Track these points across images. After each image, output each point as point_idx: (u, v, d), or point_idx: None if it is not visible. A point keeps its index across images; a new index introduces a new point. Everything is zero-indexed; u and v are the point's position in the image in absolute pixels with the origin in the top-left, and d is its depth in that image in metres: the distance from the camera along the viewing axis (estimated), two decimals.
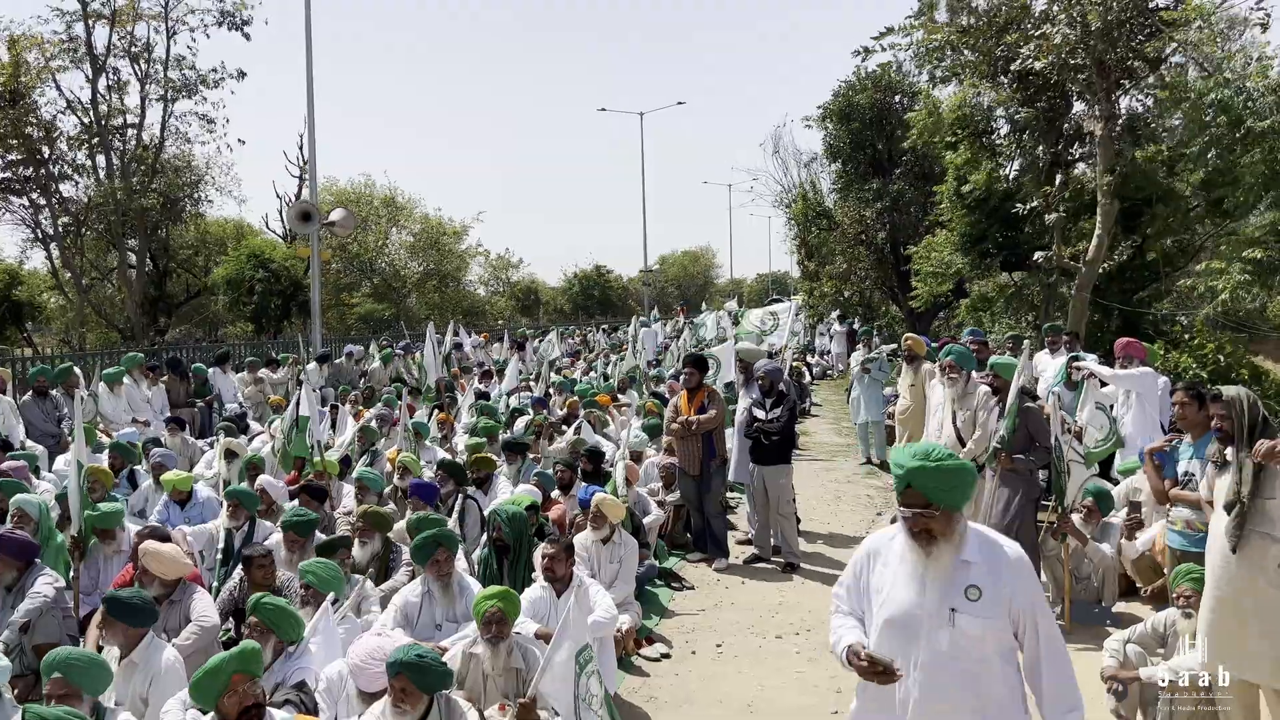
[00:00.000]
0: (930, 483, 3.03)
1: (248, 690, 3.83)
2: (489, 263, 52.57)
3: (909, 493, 3.07)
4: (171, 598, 5.54)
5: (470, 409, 13.56)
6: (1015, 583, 3.07)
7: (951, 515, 3.06)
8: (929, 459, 3.05)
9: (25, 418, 11.29)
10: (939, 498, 3.03)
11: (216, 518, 7.71)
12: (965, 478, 3.07)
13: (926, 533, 3.06)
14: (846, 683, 6.11)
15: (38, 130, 25.47)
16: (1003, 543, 3.15)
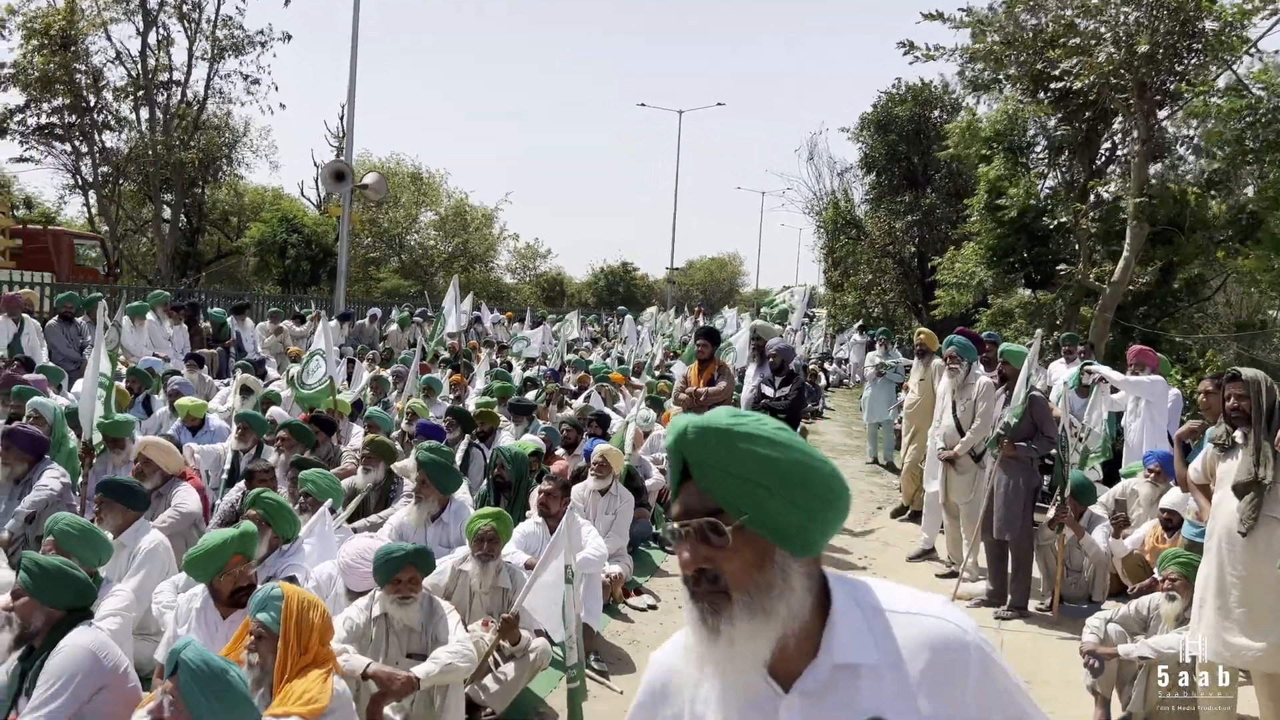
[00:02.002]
0: (717, 460, 1.40)
1: (242, 571, 3.98)
2: (517, 251, 52.88)
3: (686, 490, 1.44)
4: (160, 490, 5.68)
5: (485, 376, 13.70)
6: (965, 696, 1.47)
7: (768, 551, 1.39)
8: (729, 417, 1.43)
9: (49, 341, 11.50)
10: (737, 498, 1.39)
11: None
12: (808, 474, 1.42)
13: (714, 596, 1.40)
14: None
15: (85, 78, 25.88)
16: (925, 624, 1.46)
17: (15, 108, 26.33)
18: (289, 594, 3.42)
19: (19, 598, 3.56)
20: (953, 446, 7.64)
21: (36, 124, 26.76)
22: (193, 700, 2.69)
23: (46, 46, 24.61)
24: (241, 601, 3.99)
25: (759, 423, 1.41)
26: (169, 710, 2.72)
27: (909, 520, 9.93)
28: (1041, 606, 7.05)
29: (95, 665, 3.45)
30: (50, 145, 27.69)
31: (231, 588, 4.03)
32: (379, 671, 3.87)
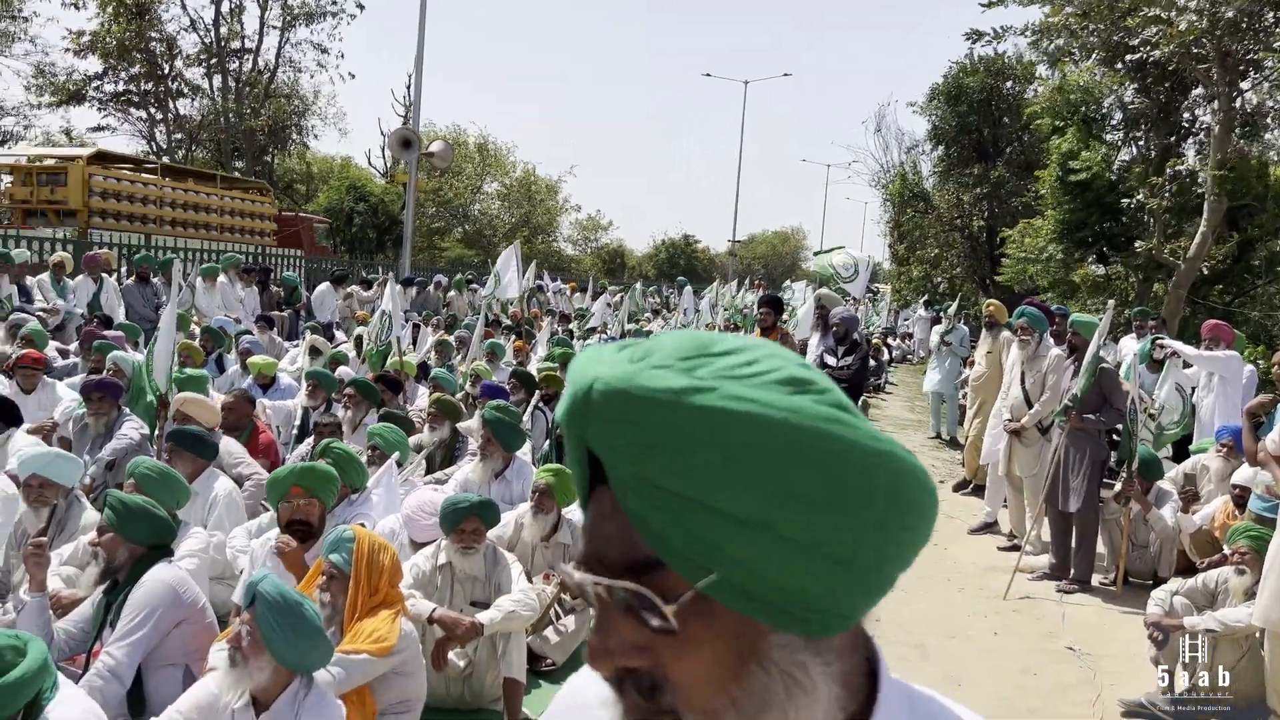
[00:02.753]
0: (659, 458, 0.68)
1: (299, 505, 4.18)
2: (578, 223, 53.06)
3: (597, 508, 0.74)
4: None
5: (547, 343, 13.83)
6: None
7: (752, 640, 0.71)
8: (681, 371, 0.69)
9: (126, 300, 11.86)
10: (699, 536, 0.68)
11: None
12: (855, 476, 0.70)
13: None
14: (886, 614, 6.11)
15: (160, 45, 26.48)
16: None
17: (93, 75, 27.06)
18: (360, 536, 3.52)
19: (104, 534, 3.72)
20: (1020, 418, 7.54)
21: (113, 92, 27.49)
22: (269, 630, 2.79)
23: (122, 15, 25.19)
24: (296, 533, 4.20)
25: (749, 374, 0.70)
26: (247, 640, 2.82)
27: (971, 494, 9.84)
28: (1106, 581, 6.95)
29: (175, 599, 3.59)
30: (126, 112, 28.47)
31: (287, 518, 4.25)
32: (444, 616, 3.97)
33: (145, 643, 3.50)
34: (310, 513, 4.20)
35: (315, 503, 4.24)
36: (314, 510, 4.23)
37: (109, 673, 3.43)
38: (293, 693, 2.88)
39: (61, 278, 11.50)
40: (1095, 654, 5.39)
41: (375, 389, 7.17)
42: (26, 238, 14.06)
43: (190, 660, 3.62)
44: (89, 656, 3.64)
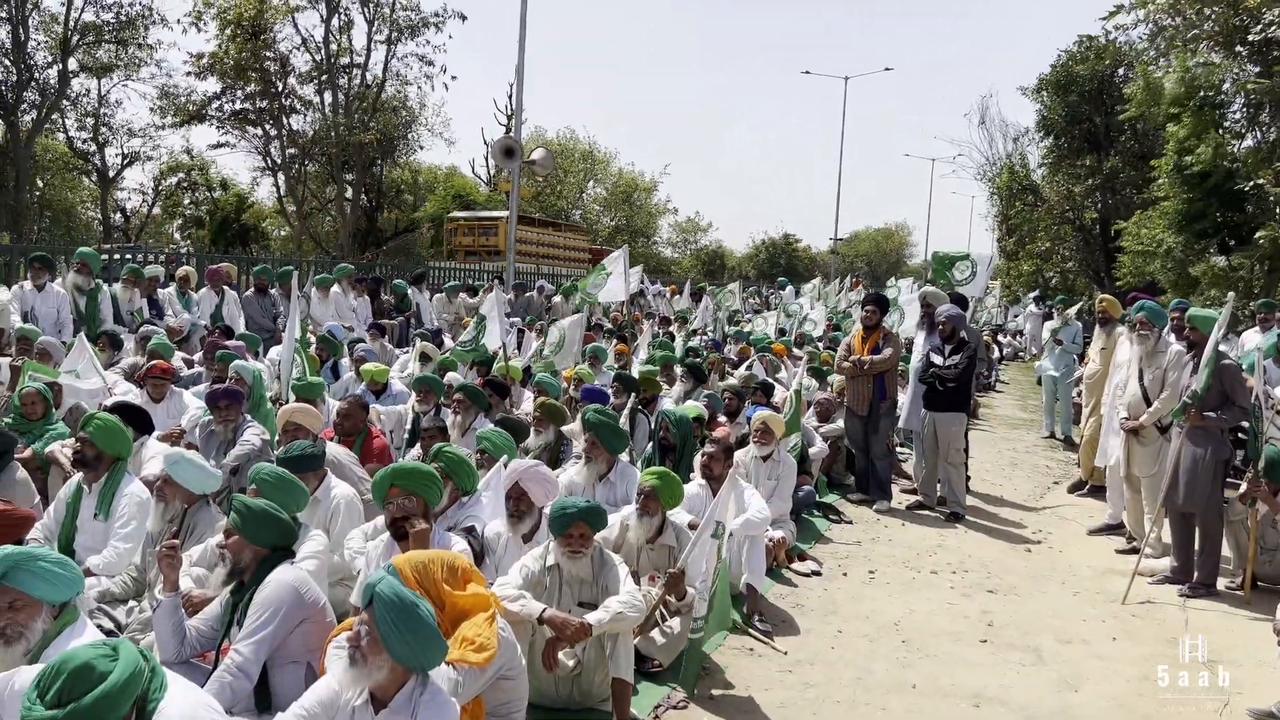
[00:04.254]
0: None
1: (401, 504, 4.33)
2: (677, 225, 53.12)
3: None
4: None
5: (648, 346, 13.90)
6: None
7: None
8: None
9: (246, 312, 12.37)
10: None
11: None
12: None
13: None
14: (1000, 616, 6.05)
15: (274, 64, 27.54)
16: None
17: (212, 95, 28.31)
18: (399, 566, 3.50)
19: (230, 536, 3.90)
20: (1138, 417, 7.28)
21: (231, 110, 28.71)
22: (387, 630, 2.89)
23: (239, 36, 26.30)
24: (402, 533, 4.33)
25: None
26: (365, 639, 2.93)
27: (1087, 495, 9.54)
28: (1232, 585, 6.66)
29: (298, 599, 3.74)
30: (243, 130, 29.66)
31: (390, 518, 4.40)
32: (554, 617, 4.05)
33: (270, 640, 3.65)
34: (412, 509, 4.33)
35: (416, 499, 4.36)
36: (416, 505, 4.34)
37: (237, 669, 3.59)
38: (409, 691, 2.98)
39: (187, 291, 12.07)
40: (1221, 660, 5.16)
41: (483, 394, 7.35)
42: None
43: (312, 658, 3.77)
44: (218, 653, 3.82)
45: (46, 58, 25.57)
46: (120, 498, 5.02)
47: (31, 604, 3.15)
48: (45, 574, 3.12)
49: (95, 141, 28.75)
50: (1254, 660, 5.30)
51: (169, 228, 34.72)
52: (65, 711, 2.43)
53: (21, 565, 3.09)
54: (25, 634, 3.15)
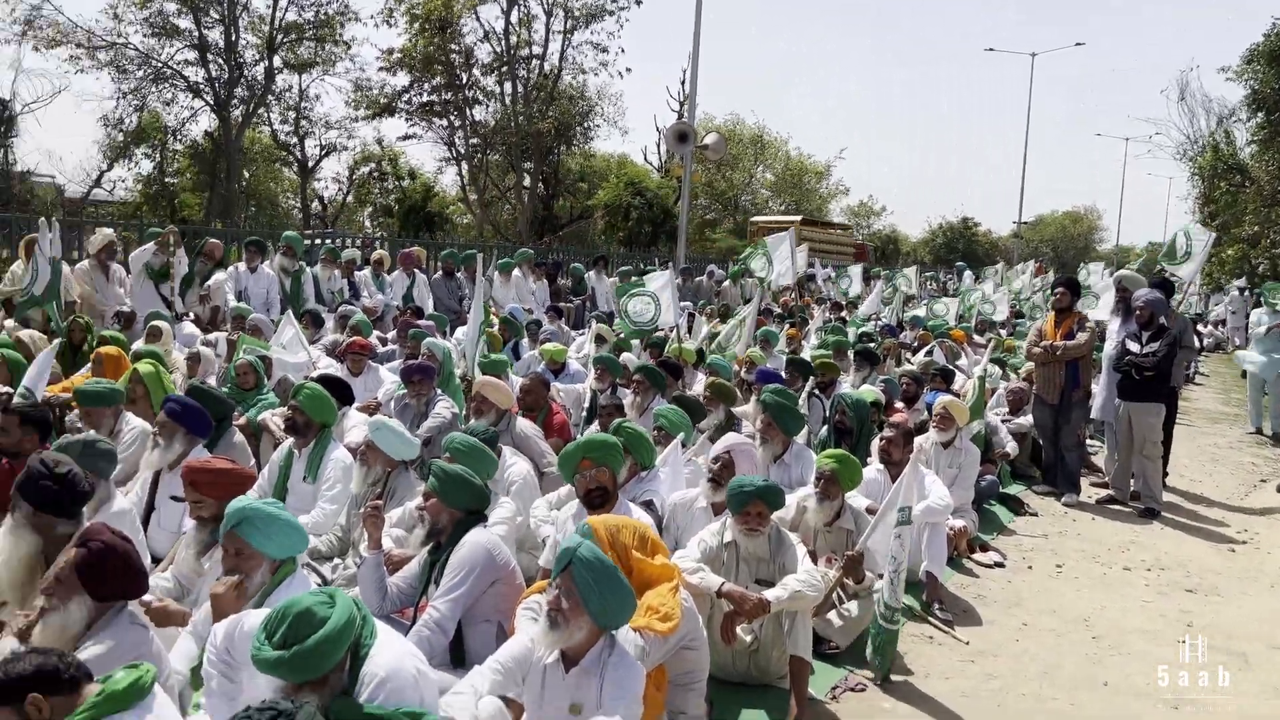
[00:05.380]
0: None
1: (592, 475, 4.51)
2: (849, 209, 52.08)
3: None
4: (497, 426, 6.23)
5: (818, 331, 13.74)
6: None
7: None
8: None
9: (434, 294, 12.97)
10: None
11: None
12: None
13: None
14: (1201, 617, 5.71)
15: (459, 57, 28.61)
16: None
17: (402, 88, 29.70)
18: (595, 525, 3.63)
19: (429, 499, 4.12)
20: None
21: (419, 102, 30.05)
22: (586, 589, 3.01)
23: (427, 30, 27.46)
24: (595, 503, 4.49)
25: None
26: (565, 601, 3.04)
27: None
28: None
29: (491, 561, 3.93)
30: (430, 121, 30.99)
31: (584, 489, 4.57)
32: (732, 591, 4.08)
33: (465, 599, 3.85)
34: (603, 479, 4.51)
35: (605, 469, 4.53)
36: (606, 476, 4.53)
37: (435, 624, 3.80)
38: (598, 651, 3.09)
39: (381, 273, 12.75)
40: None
41: (662, 375, 7.45)
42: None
43: (502, 618, 3.94)
44: (416, 610, 4.05)
45: (254, 56, 27.45)
46: (327, 462, 5.38)
47: (255, 555, 3.43)
48: (271, 531, 3.39)
49: (296, 134, 30.68)
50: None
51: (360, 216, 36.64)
52: (290, 652, 2.64)
53: (251, 520, 3.37)
54: (246, 581, 3.43)
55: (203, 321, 10.31)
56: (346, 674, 2.81)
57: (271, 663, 2.65)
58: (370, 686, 2.79)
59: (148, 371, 6.40)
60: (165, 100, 27.51)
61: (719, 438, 7.12)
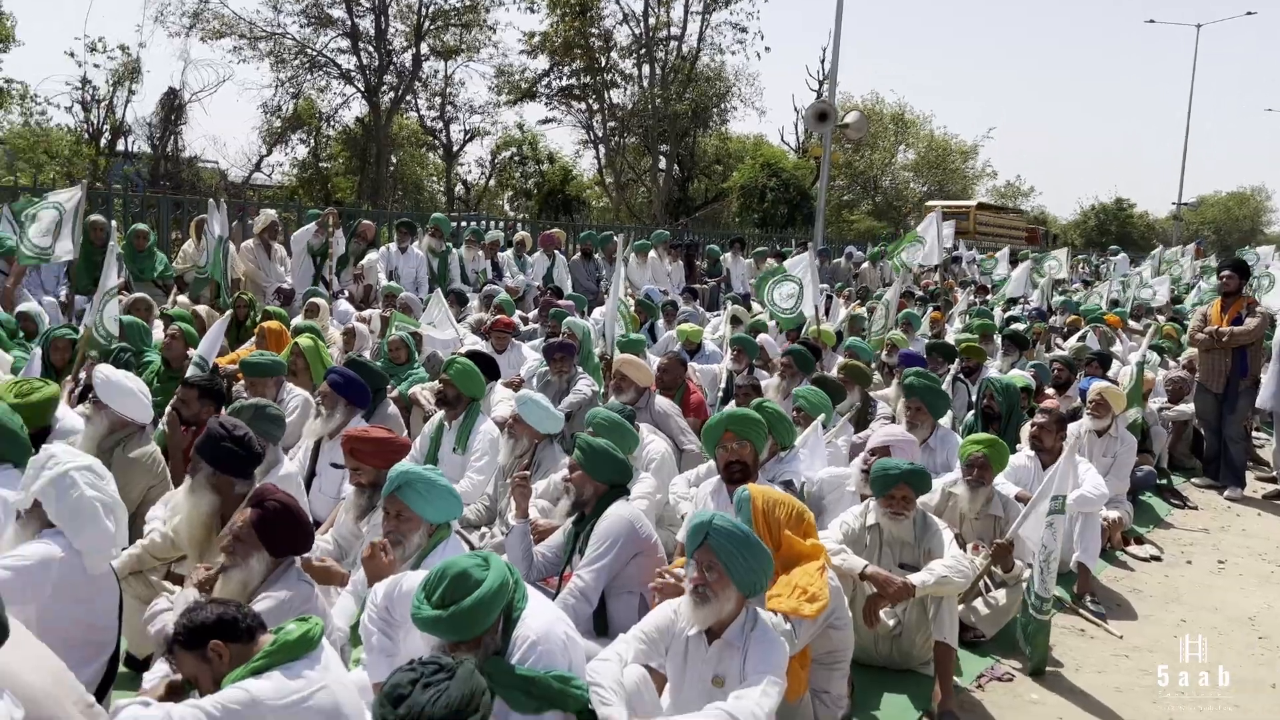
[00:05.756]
0: None
1: (734, 449, 4.54)
2: (995, 190, 50.24)
3: None
4: (637, 405, 6.28)
5: (962, 315, 13.36)
6: None
7: None
8: None
9: (572, 275, 13.18)
10: None
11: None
12: None
13: None
14: None
15: (598, 40, 28.89)
16: None
17: (542, 73, 30.19)
18: (755, 494, 3.64)
19: (574, 471, 4.21)
20: None
21: (559, 86, 30.52)
22: (730, 560, 3.02)
23: (567, 14, 27.83)
24: (734, 476, 4.51)
25: None
26: (711, 574, 3.06)
27: None
28: None
29: (633, 533, 3.99)
30: (569, 105, 31.41)
31: (724, 461, 4.60)
32: (877, 574, 4.03)
33: (608, 570, 3.92)
34: (744, 454, 4.53)
35: (747, 444, 4.55)
36: (748, 451, 4.55)
37: (579, 593, 3.89)
38: (741, 623, 3.10)
39: (523, 254, 13.04)
40: None
41: (811, 359, 7.39)
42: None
43: (644, 590, 4.00)
44: (560, 579, 4.15)
45: (403, 43, 28.35)
46: (475, 434, 5.56)
47: (414, 518, 3.58)
48: (431, 496, 3.54)
49: (441, 119, 31.56)
50: None
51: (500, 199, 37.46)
52: (448, 612, 2.75)
53: (412, 484, 3.52)
54: (404, 542, 3.58)
55: (356, 299, 10.77)
56: (500, 636, 2.91)
57: (430, 621, 2.76)
58: (522, 649, 2.89)
59: (307, 345, 6.73)
60: (319, 88, 28.73)
61: (857, 420, 7.07)
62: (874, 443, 5.07)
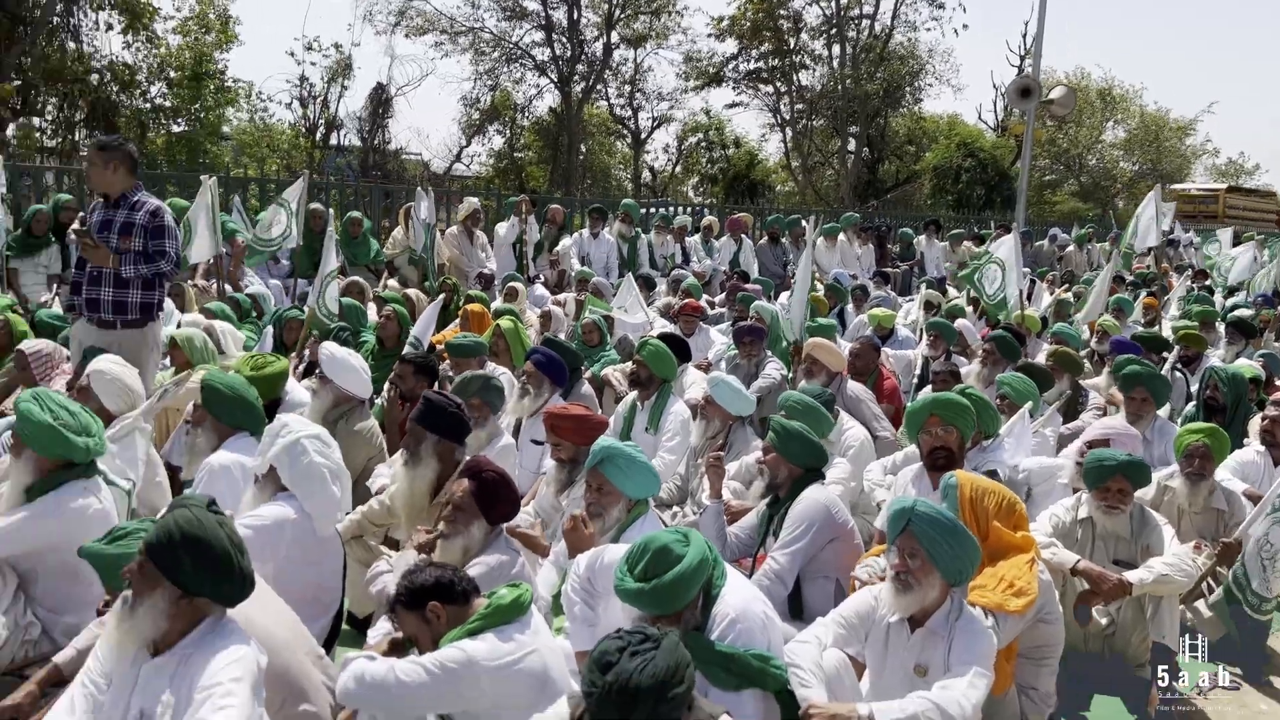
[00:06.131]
0: None
1: (939, 434, 4.43)
2: (1214, 168, 46.46)
3: None
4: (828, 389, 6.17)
5: (1179, 301, 12.50)
6: None
7: None
8: None
9: (759, 259, 13.12)
10: None
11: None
12: None
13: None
14: None
15: (787, 22, 28.53)
16: None
17: (729, 57, 30.12)
18: (962, 481, 3.53)
19: (768, 453, 4.21)
20: None
21: (746, 70, 30.35)
22: (933, 546, 2.95)
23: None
24: (938, 463, 4.39)
25: None
26: (914, 562, 3.00)
27: None
28: None
29: (829, 517, 3.95)
30: (756, 88, 31.19)
31: (929, 448, 4.49)
32: (1089, 569, 3.84)
33: (804, 553, 3.90)
34: (949, 440, 4.39)
35: (953, 430, 4.41)
36: (953, 437, 4.40)
37: (774, 575, 3.89)
38: (946, 612, 3.02)
39: (710, 239, 13.10)
40: None
41: (1016, 346, 7.11)
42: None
43: (840, 575, 3.96)
44: (754, 561, 4.16)
45: (594, 33, 28.86)
46: (667, 415, 5.64)
47: (614, 492, 3.67)
48: (631, 472, 3.62)
49: (630, 107, 31.95)
50: None
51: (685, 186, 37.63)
52: (650, 585, 2.81)
53: (614, 459, 3.61)
54: (604, 515, 3.68)
55: (550, 284, 11.12)
56: (699, 611, 2.95)
57: (633, 594, 2.83)
58: (721, 625, 2.92)
59: (508, 327, 7.00)
60: (515, 79, 29.65)
61: (1066, 410, 6.74)
62: (1091, 435, 4.83)
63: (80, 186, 11.07)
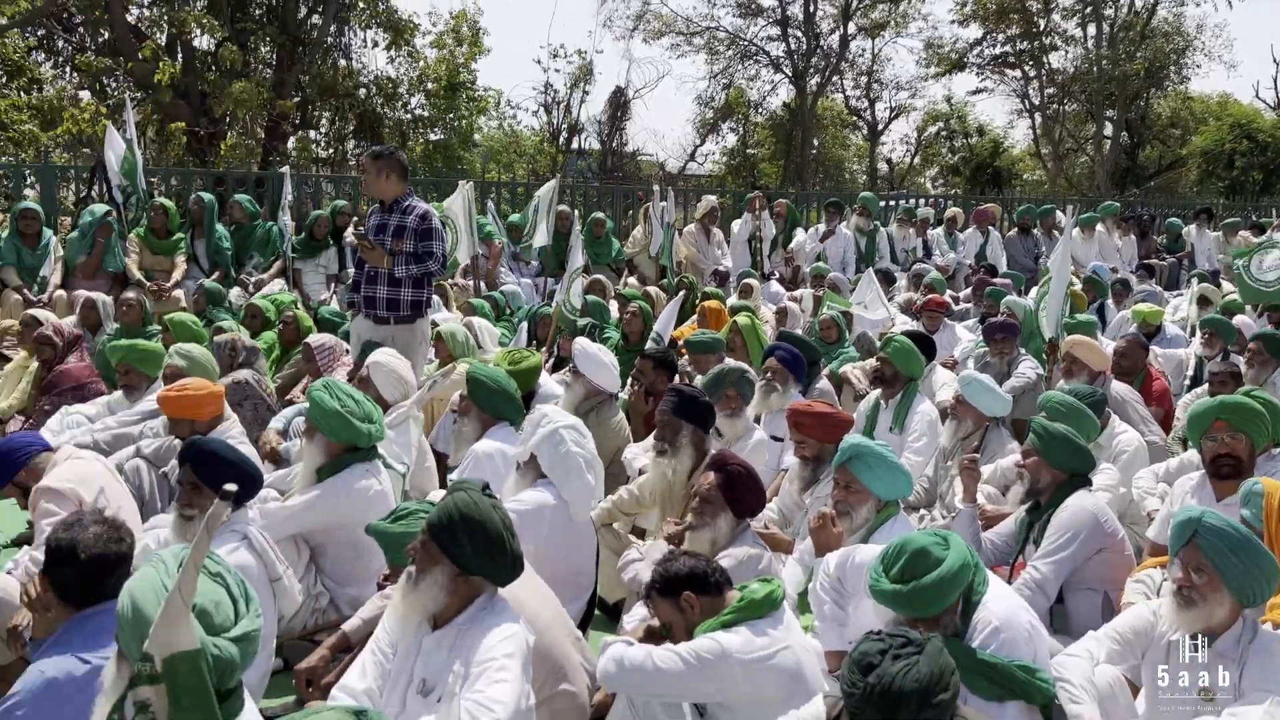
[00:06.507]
0: None
1: (1226, 441, 4.03)
2: None
3: None
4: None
5: None
6: None
7: None
8: None
9: (1008, 251, 12.48)
10: None
11: None
12: None
13: None
14: None
15: (1037, 3, 27.00)
16: None
17: (973, 41, 28.87)
18: (1270, 489, 3.21)
19: (1028, 456, 3.99)
20: None
21: (991, 55, 28.98)
22: (1218, 558, 2.71)
23: None
24: (1223, 472, 4.00)
25: None
26: (1195, 576, 2.77)
27: None
28: None
29: (1097, 526, 3.71)
30: (1002, 74, 29.73)
31: (1211, 455, 4.07)
32: None
33: (1068, 563, 3.68)
34: (1238, 447, 4.00)
35: (1242, 436, 4.00)
36: (1242, 445, 4.00)
37: (1035, 585, 3.68)
38: (1237, 632, 2.76)
39: (954, 231, 12.61)
40: None
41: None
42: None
43: (1109, 588, 3.71)
44: (1011, 569, 3.96)
45: (830, 25, 28.41)
46: (913, 414, 5.47)
47: (862, 491, 3.60)
48: (881, 470, 3.55)
49: (867, 98, 31.26)
50: None
51: (923, 177, 36.38)
52: (908, 587, 2.73)
53: (863, 456, 3.55)
54: (851, 513, 3.61)
55: (785, 280, 11.05)
56: (959, 617, 2.85)
57: (890, 595, 2.77)
58: (983, 633, 2.80)
59: (745, 324, 7.01)
60: (749, 77, 29.68)
61: None
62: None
63: (354, 193, 12.04)
